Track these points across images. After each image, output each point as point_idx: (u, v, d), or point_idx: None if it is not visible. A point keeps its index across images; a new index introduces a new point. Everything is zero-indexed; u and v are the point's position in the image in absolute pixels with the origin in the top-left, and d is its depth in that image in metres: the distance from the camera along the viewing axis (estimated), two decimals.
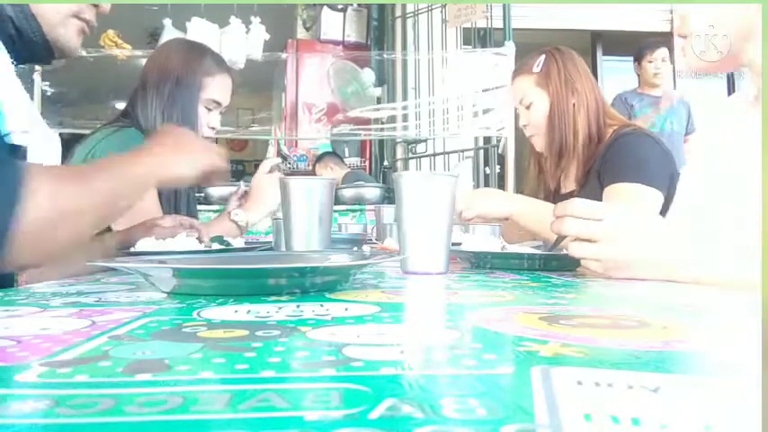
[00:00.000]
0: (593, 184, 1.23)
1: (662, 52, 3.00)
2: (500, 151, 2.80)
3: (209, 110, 1.27)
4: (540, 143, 1.32)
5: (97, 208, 0.65)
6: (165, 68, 1.23)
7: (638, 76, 3.08)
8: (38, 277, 0.81)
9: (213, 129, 1.31)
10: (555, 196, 1.33)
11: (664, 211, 1.15)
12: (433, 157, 3.29)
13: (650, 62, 2.99)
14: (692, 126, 3.13)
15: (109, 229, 1.07)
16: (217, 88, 1.27)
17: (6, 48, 0.72)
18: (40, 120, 0.85)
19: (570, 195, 1.27)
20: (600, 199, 1.15)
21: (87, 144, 1.21)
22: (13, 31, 0.72)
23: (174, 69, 1.23)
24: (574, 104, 1.25)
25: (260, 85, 4.25)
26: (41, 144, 0.78)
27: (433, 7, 3.28)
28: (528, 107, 1.30)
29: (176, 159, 0.75)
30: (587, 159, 1.26)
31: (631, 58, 3.14)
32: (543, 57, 1.29)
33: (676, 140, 3.02)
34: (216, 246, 0.94)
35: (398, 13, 3.59)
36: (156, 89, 1.22)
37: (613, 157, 1.19)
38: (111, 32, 2.84)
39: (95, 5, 0.78)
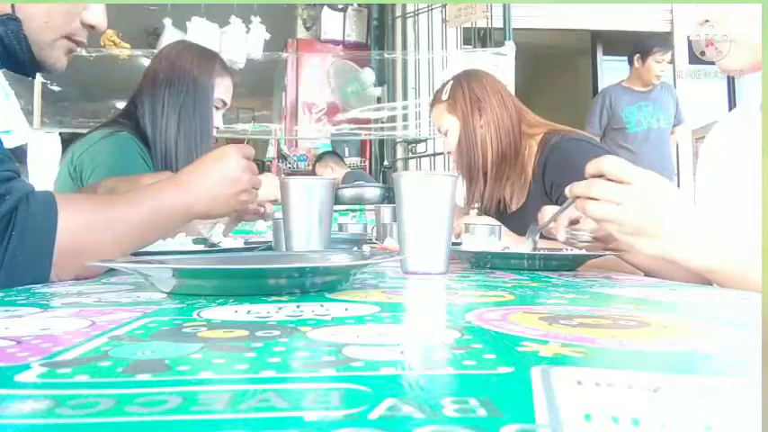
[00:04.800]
0: (540, 200, 1.18)
1: (669, 54, 2.96)
2: None
3: (217, 108, 1.31)
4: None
5: (120, 240, 0.67)
6: (178, 68, 1.24)
7: (635, 70, 2.99)
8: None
9: (217, 128, 1.33)
10: (501, 217, 1.30)
11: None
12: (432, 157, 3.29)
13: (658, 62, 2.92)
14: (680, 117, 3.09)
15: None
16: (224, 89, 1.31)
17: None
18: (20, 119, 0.83)
19: (516, 214, 1.26)
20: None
21: (81, 145, 1.22)
22: (0, 48, 0.70)
23: (190, 69, 1.24)
24: (482, 125, 1.24)
25: (260, 84, 4.25)
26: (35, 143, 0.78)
27: (433, 7, 3.29)
28: (446, 134, 1.31)
29: (210, 197, 0.76)
30: (500, 175, 1.25)
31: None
32: (450, 83, 1.31)
33: (664, 137, 3.00)
34: (202, 247, 0.94)
35: (398, 12, 3.59)
36: (168, 88, 1.23)
37: (557, 175, 1.16)
38: (110, 32, 2.84)
39: (92, 26, 0.75)
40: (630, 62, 3.03)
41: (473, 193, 1.29)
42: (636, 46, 3.01)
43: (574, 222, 0.83)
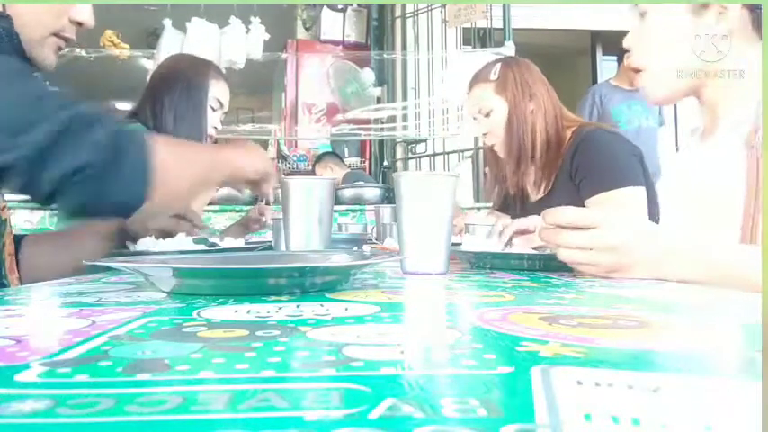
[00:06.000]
0: (565, 187, 1.22)
1: None
2: None
3: (214, 110, 1.39)
4: (502, 150, 1.33)
5: (192, 176, 0.74)
6: (175, 74, 1.36)
7: (624, 68, 2.92)
8: (33, 277, 0.83)
9: (216, 128, 1.41)
10: (524, 204, 1.33)
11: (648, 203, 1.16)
12: (432, 157, 3.29)
13: None
14: (662, 119, 3.07)
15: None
16: (220, 90, 1.40)
17: None
18: None
19: (541, 202, 1.27)
20: (575, 200, 1.15)
21: None
22: None
23: (185, 74, 1.36)
24: (532, 110, 1.26)
25: (260, 85, 4.25)
26: None
27: (433, 7, 3.28)
28: (487, 115, 1.31)
29: (244, 154, 0.84)
30: (547, 164, 1.26)
31: None
32: (499, 65, 1.31)
33: (654, 136, 2.98)
34: (202, 247, 0.95)
35: (398, 13, 3.59)
36: (167, 93, 1.33)
37: (586, 161, 1.20)
38: (109, 33, 2.84)
39: (79, 23, 0.76)
40: (620, 60, 3.00)
41: (520, 176, 1.30)
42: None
43: (524, 233, 0.89)
